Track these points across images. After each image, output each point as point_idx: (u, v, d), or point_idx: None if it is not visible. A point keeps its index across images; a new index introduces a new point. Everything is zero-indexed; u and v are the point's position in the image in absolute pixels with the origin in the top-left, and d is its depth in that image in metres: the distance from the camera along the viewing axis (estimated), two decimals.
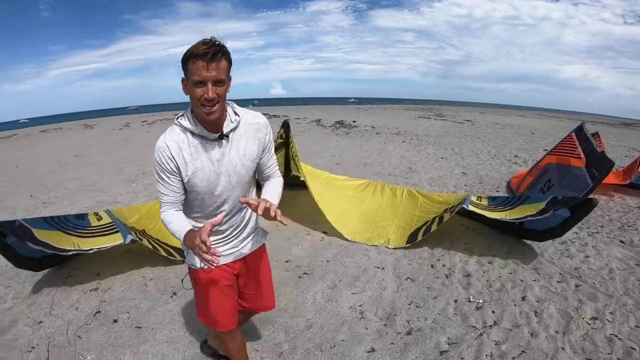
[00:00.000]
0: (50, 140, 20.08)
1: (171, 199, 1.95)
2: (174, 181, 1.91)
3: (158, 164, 1.88)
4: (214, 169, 1.92)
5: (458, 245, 5.13)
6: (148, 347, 3.19)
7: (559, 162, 6.74)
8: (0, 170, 11.45)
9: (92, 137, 19.70)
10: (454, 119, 27.41)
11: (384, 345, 3.23)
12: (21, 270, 4.24)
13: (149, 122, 28.40)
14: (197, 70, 1.69)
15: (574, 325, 3.45)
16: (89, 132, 23.78)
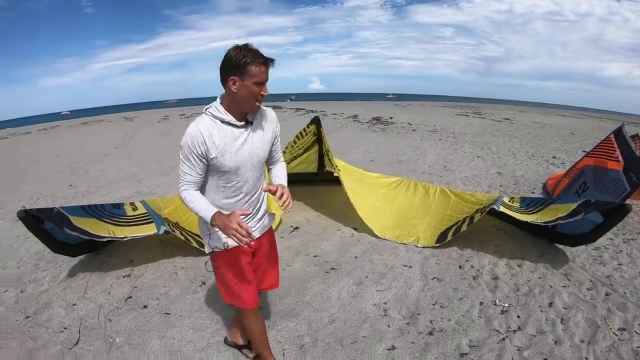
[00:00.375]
0: (91, 132, 20.66)
1: (193, 179, 2.22)
2: (199, 164, 2.17)
3: (188, 147, 2.13)
4: (239, 151, 2.21)
5: (488, 246, 5.06)
6: (174, 332, 3.33)
7: (596, 164, 6.56)
8: (42, 161, 11.92)
9: (131, 130, 20.19)
10: (492, 117, 26.87)
11: (405, 343, 3.24)
12: (58, 255, 4.47)
13: (187, 115, 28.85)
14: (260, 73, 2.07)
15: (600, 335, 3.34)
16: (128, 124, 24.36)
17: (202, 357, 3.06)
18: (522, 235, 5.37)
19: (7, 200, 7.90)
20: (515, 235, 5.38)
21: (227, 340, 3.15)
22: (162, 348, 3.15)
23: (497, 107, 46.60)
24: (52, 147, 15.33)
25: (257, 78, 2.07)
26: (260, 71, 2.06)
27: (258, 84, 2.09)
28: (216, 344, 3.19)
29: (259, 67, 2.05)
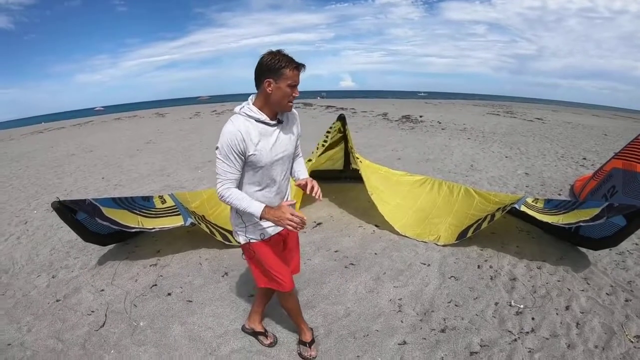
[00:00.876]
0: (124, 127, 21.09)
1: (234, 176, 2.37)
2: (239, 161, 2.33)
3: (228, 146, 2.27)
4: (273, 148, 2.40)
5: (509, 247, 5.03)
6: (195, 319, 3.50)
7: (625, 167, 6.40)
8: (76, 154, 12.27)
9: (163, 125, 20.57)
10: (524, 117, 26.37)
11: (416, 339, 3.31)
12: (89, 244, 4.70)
13: (219, 111, 29.25)
14: (294, 76, 2.27)
15: (615, 342, 3.29)
16: (160, 120, 24.81)
17: (219, 343, 3.20)
18: (545, 238, 5.31)
19: (41, 192, 8.26)
20: (538, 237, 5.32)
21: (245, 328, 3.30)
22: (183, 333, 3.31)
23: (530, 106, 45.73)
24: (86, 141, 15.76)
25: (290, 81, 2.26)
26: (293, 74, 2.25)
27: (291, 86, 2.28)
28: (234, 331, 3.35)
29: (293, 71, 2.24)
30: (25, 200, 7.68)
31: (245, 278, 4.22)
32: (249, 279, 4.18)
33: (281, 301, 2.94)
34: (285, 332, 3.41)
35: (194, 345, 3.18)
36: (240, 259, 4.57)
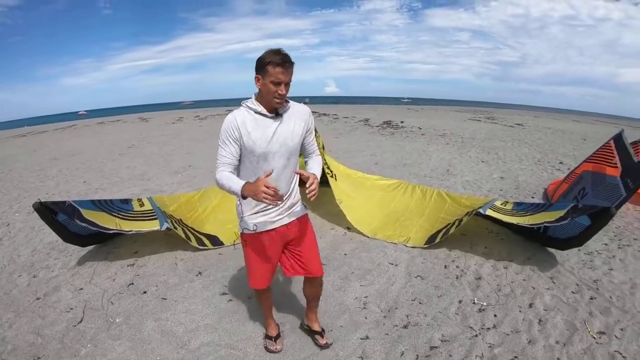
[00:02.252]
0: (107, 131, 21.00)
1: (228, 160, 2.48)
2: (234, 146, 2.46)
3: (225, 131, 2.45)
4: (269, 139, 2.47)
5: (477, 248, 5.16)
6: (168, 315, 3.63)
7: (595, 170, 6.61)
8: (58, 159, 12.27)
9: (146, 130, 20.52)
10: (504, 123, 26.51)
11: (378, 334, 3.43)
12: (69, 245, 4.80)
13: (202, 117, 29.22)
14: (275, 74, 2.32)
15: (577, 338, 3.40)
16: (143, 125, 24.73)
17: (190, 337, 3.32)
18: (513, 239, 5.45)
19: (24, 195, 8.29)
20: (507, 239, 5.46)
21: (303, 325, 3.42)
22: (156, 328, 3.43)
23: (511, 112, 45.99)
24: (68, 145, 15.72)
25: (273, 78, 2.32)
26: (275, 72, 2.30)
27: (275, 83, 2.33)
28: (204, 327, 3.47)
29: (275, 68, 2.30)
30: (7, 203, 7.72)
31: (218, 277, 4.34)
32: (222, 277, 4.34)
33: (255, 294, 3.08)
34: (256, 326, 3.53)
35: (166, 339, 3.29)
36: (213, 259, 4.75)
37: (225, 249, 5.03)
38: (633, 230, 6.13)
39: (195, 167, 10.26)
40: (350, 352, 3.21)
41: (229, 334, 3.39)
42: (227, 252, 4.95)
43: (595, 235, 4.51)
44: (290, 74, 2.38)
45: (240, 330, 3.45)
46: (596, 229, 4.40)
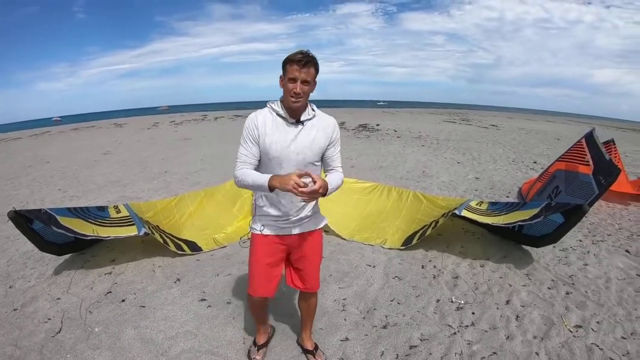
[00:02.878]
0: (82, 138, 20.69)
1: (247, 159, 2.47)
2: (253, 145, 2.45)
3: (246, 129, 2.46)
4: (286, 145, 2.42)
5: (454, 248, 5.25)
6: (148, 322, 3.60)
7: (568, 168, 6.77)
8: (33, 166, 12.07)
9: (121, 136, 20.29)
10: (479, 124, 26.98)
11: (358, 335, 3.46)
12: (45, 255, 4.72)
13: (177, 122, 29.10)
14: (292, 71, 2.31)
15: (554, 332, 3.49)
16: (118, 131, 24.43)
17: (170, 344, 3.30)
18: (489, 238, 5.56)
19: None
20: (483, 238, 5.57)
21: (298, 340, 3.35)
22: (136, 336, 3.40)
23: (486, 113, 46.60)
24: (43, 152, 15.45)
25: (289, 75, 2.32)
26: (292, 69, 2.30)
27: (291, 80, 2.33)
28: (184, 333, 3.45)
29: (292, 65, 2.30)
30: None
31: (196, 283, 4.33)
32: (200, 283, 4.33)
33: (248, 301, 2.99)
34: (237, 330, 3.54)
35: (146, 347, 3.26)
36: (191, 265, 4.75)
37: (203, 255, 5.02)
38: (606, 226, 6.32)
39: (172, 173, 10.20)
40: (330, 354, 3.23)
41: (209, 340, 3.37)
42: (205, 258, 4.94)
43: (569, 232, 4.64)
44: (309, 74, 2.34)
45: (220, 336, 3.43)
46: (570, 225, 4.53)
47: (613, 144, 8.21)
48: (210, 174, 10.11)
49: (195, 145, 15.58)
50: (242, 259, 4.89)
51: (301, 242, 2.73)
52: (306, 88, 2.36)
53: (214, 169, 10.76)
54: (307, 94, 2.40)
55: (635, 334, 3.49)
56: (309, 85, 2.37)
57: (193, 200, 5.94)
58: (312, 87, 2.42)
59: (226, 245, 5.32)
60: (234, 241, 5.40)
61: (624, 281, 4.48)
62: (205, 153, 13.45)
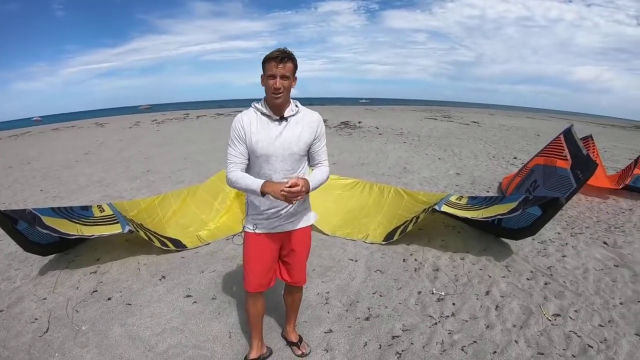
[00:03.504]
0: (62, 138, 20.42)
1: (237, 160, 2.54)
2: (241, 145, 2.53)
3: (233, 130, 2.54)
4: (272, 141, 2.49)
5: (435, 242, 5.35)
6: (134, 320, 3.63)
7: (546, 163, 6.90)
8: (14, 167, 11.90)
9: (102, 136, 20.07)
10: (460, 121, 27.27)
11: (341, 327, 3.54)
12: (30, 255, 4.72)
13: (159, 121, 28.80)
14: (270, 68, 2.39)
15: (533, 321, 3.61)
16: (100, 130, 24.13)
17: (157, 340, 3.34)
18: (469, 232, 5.67)
19: None
20: (464, 232, 5.69)
21: (282, 333, 3.43)
22: (123, 333, 3.42)
23: (468, 110, 46.98)
24: (23, 153, 15.24)
25: (269, 72, 2.40)
26: (270, 66, 2.39)
27: (270, 77, 2.40)
28: (171, 329, 3.49)
29: (270, 63, 2.39)
30: None
31: (181, 280, 4.37)
32: (185, 280, 4.37)
33: (245, 300, 3.02)
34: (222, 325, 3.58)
35: (134, 343, 3.29)
36: (176, 262, 4.77)
37: (187, 253, 5.05)
38: (584, 219, 6.50)
39: (154, 172, 10.17)
40: (315, 346, 3.30)
41: (196, 335, 3.42)
42: (190, 256, 4.97)
43: (546, 224, 4.78)
44: (287, 69, 2.41)
45: (207, 331, 3.48)
46: (547, 218, 4.65)
47: (591, 139, 8.37)
48: (193, 172, 10.10)
49: (177, 144, 15.51)
50: (226, 255, 4.96)
51: (292, 238, 2.81)
52: (286, 83, 2.42)
53: (197, 167, 10.75)
54: (287, 89, 2.46)
55: (613, 321, 3.62)
56: (288, 80, 2.44)
57: (176, 199, 5.97)
58: (292, 82, 2.49)
59: (210, 242, 5.36)
60: (217, 238, 5.46)
61: (602, 271, 4.63)
62: (187, 152, 13.41)
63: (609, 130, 29.37)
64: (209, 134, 18.66)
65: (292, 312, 3.24)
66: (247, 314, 3.01)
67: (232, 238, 5.24)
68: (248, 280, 2.80)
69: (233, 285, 4.26)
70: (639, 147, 16.96)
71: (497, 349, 3.26)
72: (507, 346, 3.28)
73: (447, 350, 3.25)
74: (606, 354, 3.19)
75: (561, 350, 3.25)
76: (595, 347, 3.28)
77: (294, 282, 2.99)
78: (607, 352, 3.21)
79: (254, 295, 2.88)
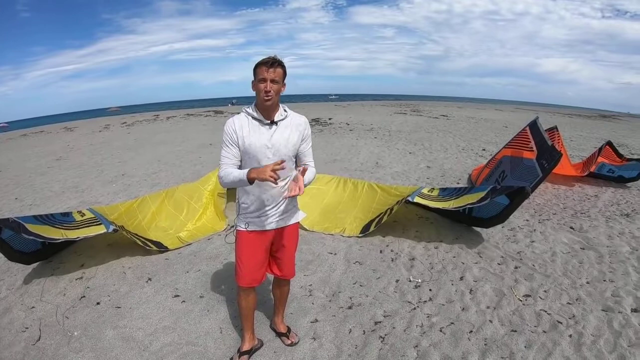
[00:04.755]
0: (32, 144, 19.96)
1: (230, 161, 2.67)
2: (233, 148, 2.66)
3: (225, 134, 2.67)
4: (263, 144, 2.63)
5: (409, 233, 5.56)
6: (126, 322, 3.70)
7: (513, 154, 7.14)
8: None
9: (72, 140, 19.74)
10: (429, 114, 27.67)
11: (326, 317, 3.71)
12: (13, 265, 4.72)
13: (129, 123, 28.49)
14: (261, 72, 2.53)
15: (505, 302, 3.85)
16: (69, 135, 23.71)
17: (151, 340, 3.43)
18: (442, 222, 5.91)
19: None
20: (436, 222, 5.91)
21: (271, 325, 3.56)
22: (116, 335, 3.50)
23: (437, 104, 47.39)
24: None
25: (260, 76, 2.53)
26: (261, 70, 2.52)
27: (260, 81, 2.53)
28: (163, 329, 3.59)
29: (261, 67, 2.52)
30: None
31: (167, 281, 4.45)
32: (171, 280, 4.46)
33: (237, 295, 3.13)
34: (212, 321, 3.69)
35: (128, 345, 3.37)
36: (161, 264, 4.85)
37: (170, 254, 5.12)
38: (552, 206, 6.82)
39: (129, 176, 10.12)
40: (303, 335, 3.46)
41: (188, 333, 3.52)
42: (173, 257, 5.05)
43: (514, 212, 5.04)
44: (277, 74, 2.55)
45: (198, 328, 3.59)
46: (514, 206, 4.91)
47: (556, 130, 8.71)
48: (168, 174, 10.13)
49: (150, 147, 15.41)
50: (209, 254, 5.07)
51: (282, 234, 2.95)
52: (275, 87, 2.56)
53: (172, 169, 10.78)
54: (277, 93, 2.60)
55: (580, 299, 3.89)
56: (277, 85, 2.58)
57: (155, 201, 6.04)
58: (281, 87, 2.63)
59: (191, 242, 5.46)
60: (197, 238, 5.57)
61: (569, 254, 4.92)
62: (161, 154, 13.38)
63: (575, 120, 30.05)
64: (181, 135, 18.56)
65: (280, 305, 3.38)
66: (240, 308, 3.11)
67: (225, 236, 5.39)
68: (241, 275, 2.91)
69: (219, 283, 4.37)
70: (604, 135, 17.60)
71: (473, 328, 3.49)
72: (483, 325, 3.52)
73: (426, 332, 3.46)
74: (575, 328, 3.44)
75: (532, 327, 3.48)
76: (565, 322, 3.52)
77: (284, 275, 3.12)
78: (576, 327, 3.47)
79: (246, 289, 3.00)
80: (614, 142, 9.16)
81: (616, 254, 4.92)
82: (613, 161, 8.79)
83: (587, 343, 3.26)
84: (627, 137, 18.00)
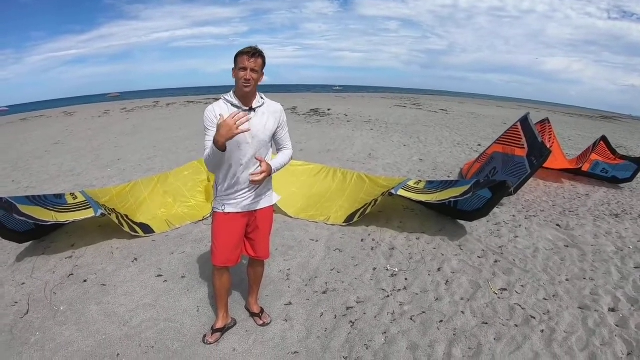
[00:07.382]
0: (31, 128, 19.94)
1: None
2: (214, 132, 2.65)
3: (206, 120, 2.74)
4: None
5: (392, 223, 5.65)
6: (109, 298, 3.86)
7: (505, 151, 7.24)
8: None
9: (72, 125, 19.77)
10: (429, 108, 27.63)
11: (300, 300, 3.85)
12: (6, 243, 4.86)
13: (129, 109, 28.45)
14: (242, 61, 2.64)
15: (480, 294, 3.93)
16: (68, 119, 23.71)
17: (131, 316, 3.58)
18: (427, 214, 5.99)
19: None
20: (421, 214, 6.00)
21: (245, 305, 3.70)
22: (99, 311, 3.65)
23: (438, 98, 47.17)
24: None
25: (240, 64, 2.65)
26: (242, 59, 2.64)
27: (241, 69, 2.65)
28: (144, 306, 3.73)
29: (242, 57, 2.64)
30: None
31: (152, 261, 4.59)
32: (156, 261, 4.60)
33: (212, 274, 3.24)
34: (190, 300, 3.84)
35: (109, 319, 3.52)
36: (147, 245, 4.98)
37: (158, 236, 5.25)
38: (541, 202, 6.88)
39: (125, 161, 10.20)
40: (275, 316, 3.59)
41: (166, 310, 3.66)
42: (160, 239, 5.18)
43: (497, 206, 5.18)
44: (257, 63, 2.67)
45: (177, 306, 3.73)
46: (496, 200, 5.03)
47: (548, 122, 8.78)
48: (163, 159, 10.20)
49: (147, 133, 15.46)
50: (195, 238, 5.20)
51: (257, 216, 3.08)
52: (255, 76, 2.68)
53: (167, 155, 10.85)
54: (256, 81, 2.71)
55: (557, 295, 3.97)
56: (257, 74, 2.70)
57: (147, 186, 6.14)
58: (260, 76, 2.75)
59: (179, 226, 5.57)
60: (185, 222, 5.68)
61: (552, 251, 4.99)
62: (157, 140, 13.43)
63: (576, 119, 29.84)
64: (179, 122, 18.62)
65: (254, 285, 3.52)
66: (214, 287, 3.24)
67: (202, 221, 5.50)
68: (216, 254, 3.05)
69: (201, 264, 4.51)
70: None
71: (443, 318, 3.58)
72: (454, 316, 3.60)
73: (397, 320, 3.57)
74: (548, 324, 3.51)
75: (505, 320, 3.55)
76: (538, 318, 3.58)
77: (258, 256, 3.26)
78: (549, 322, 3.53)
79: (221, 269, 3.13)
80: (613, 143, 9.20)
81: (600, 253, 4.98)
82: (607, 159, 8.79)
83: (559, 339, 3.31)
84: (627, 139, 18.02)
